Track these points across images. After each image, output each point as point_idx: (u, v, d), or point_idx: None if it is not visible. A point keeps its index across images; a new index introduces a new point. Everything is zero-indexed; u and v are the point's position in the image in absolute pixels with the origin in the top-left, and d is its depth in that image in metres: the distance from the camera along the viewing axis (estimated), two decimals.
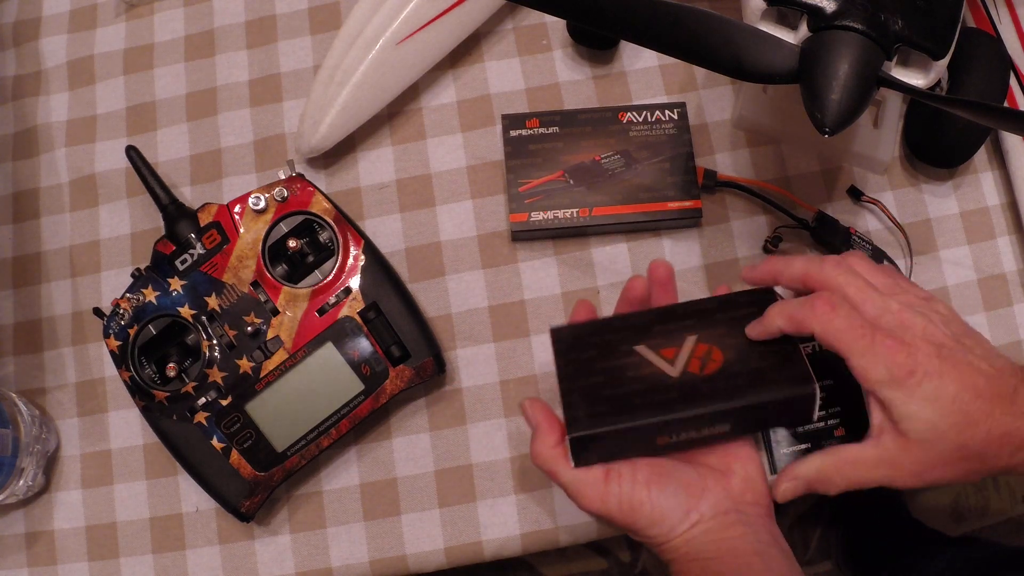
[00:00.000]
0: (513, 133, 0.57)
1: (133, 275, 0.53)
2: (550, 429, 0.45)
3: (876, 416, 0.41)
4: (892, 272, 0.44)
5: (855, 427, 0.54)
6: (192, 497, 0.54)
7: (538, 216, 0.56)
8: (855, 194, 0.57)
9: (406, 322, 0.52)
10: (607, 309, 0.56)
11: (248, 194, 0.53)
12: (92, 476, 0.55)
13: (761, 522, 0.43)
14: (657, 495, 0.42)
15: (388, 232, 0.58)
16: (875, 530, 1.00)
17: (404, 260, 0.58)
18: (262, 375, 0.51)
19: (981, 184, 0.58)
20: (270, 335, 0.52)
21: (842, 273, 0.42)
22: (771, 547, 0.42)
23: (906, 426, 0.39)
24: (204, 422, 0.51)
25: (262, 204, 0.52)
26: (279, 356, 0.51)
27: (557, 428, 0.45)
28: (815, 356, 0.55)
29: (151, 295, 0.52)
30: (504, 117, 0.58)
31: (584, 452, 0.43)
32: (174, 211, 0.54)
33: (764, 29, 0.43)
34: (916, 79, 0.43)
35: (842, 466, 0.42)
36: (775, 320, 0.43)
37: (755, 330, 0.44)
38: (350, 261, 0.53)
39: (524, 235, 0.57)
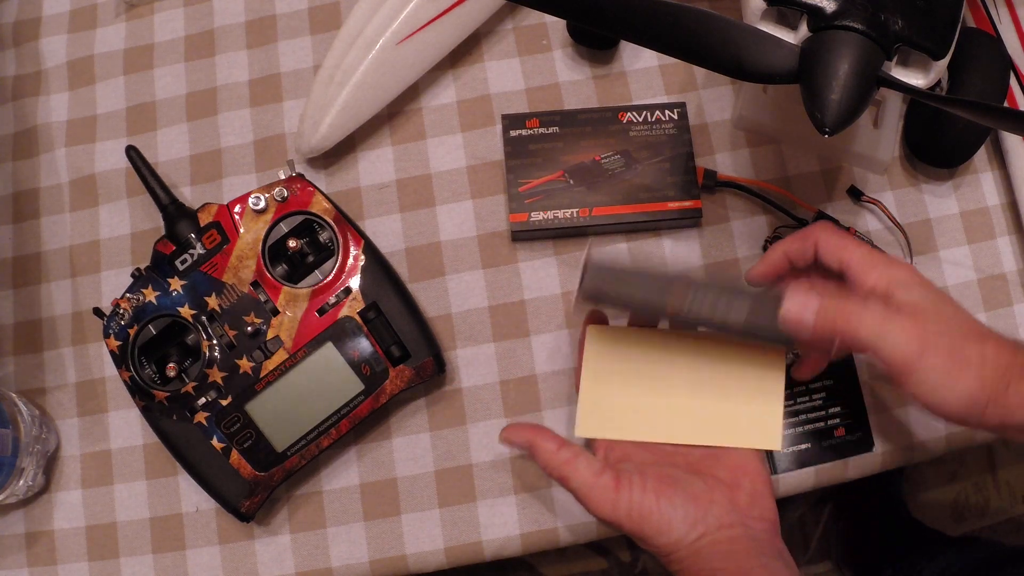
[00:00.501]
0: (513, 133, 0.57)
1: (133, 275, 0.53)
2: (545, 438, 0.45)
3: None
4: None
5: (855, 427, 0.54)
6: (192, 497, 0.54)
7: (538, 216, 0.56)
8: (855, 194, 0.57)
9: (406, 322, 0.52)
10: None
11: (248, 194, 0.53)
12: (92, 476, 0.55)
13: (767, 537, 0.44)
14: (665, 505, 0.43)
15: (388, 232, 0.58)
16: (875, 530, 1.00)
17: (404, 260, 0.58)
18: (262, 375, 0.51)
19: (981, 184, 0.58)
20: (270, 335, 0.52)
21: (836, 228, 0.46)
22: (776, 561, 0.42)
23: (907, 307, 0.40)
24: (204, 422, 0.51)
25: (262, 204, 0.52)
26: (279, 356, 0.51)
27: (551, 436, 0.45)
28: None
29: (151, 295, 0.52)
30: (504, 117, 0.58)
31: (595, 290, 0.44)
32: (174, 211, 0.54)
33: (764, 29, 0.43)
34: (916, 79, 0.43)
35: (844, 304, 0.41)
36: (775, 251, 0.45)
37: (757, 269, 0.46)
38: (350, 261, 0.53)
39: (524, 235, 0.57)
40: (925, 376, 0.39)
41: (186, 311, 0.52)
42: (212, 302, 0.52)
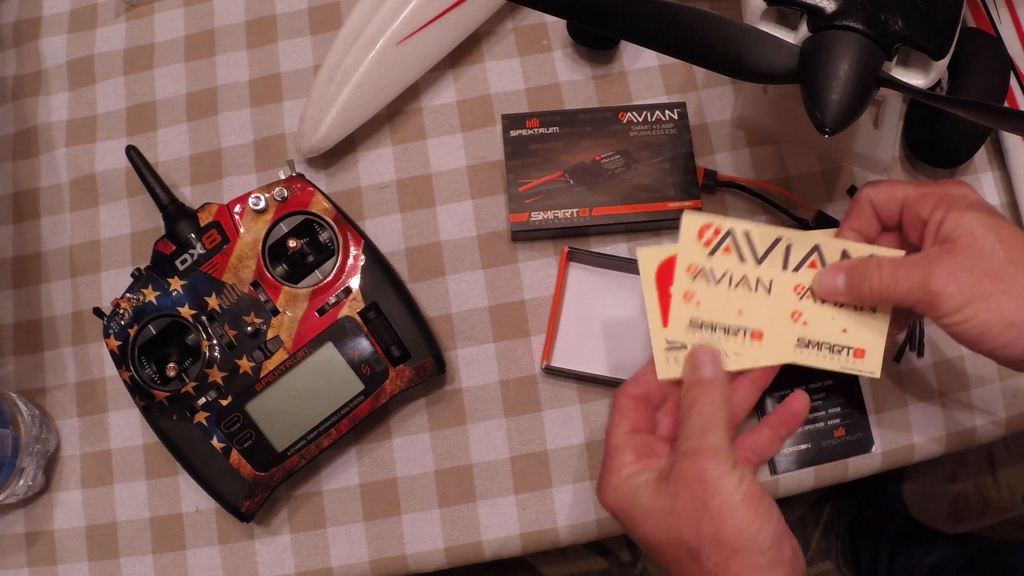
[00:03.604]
0: (513, 133, 0.57)
1: (133, 275, 0.53)
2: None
3: (927, 241, 0.41)
4: None
5: (855, 427, 0.54)
6: (192, 497, 0.54)
7: (538, 216, 0.56)
8: (855, 194, 0.57)
9: (406, 322, 0.52)
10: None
11: (248, 194, 0.53)
12: (92, 476, 0.55)
13: None
14: (768, 501, 0.40)
15: (388, 232, 0.58)
16: (875, 530, 1.00)
17: (404, 260, 0.58)
18: (262, 375, 0.51)
19: (981, 184, 0.58)
20: (270, 335, 0.52)
21: None
22: None
23: (955, 240, 0.39)
24: (204, 422, 0.51)
25: (262, 204, 0.52)
26: (279, 356, 0.51)
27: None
28: None
29: (151, 295, 0.52)
30: (504, 117, 0.58)
31: None
32: (174, 211, 0.54)
33: (764, 29, 0.43)
34: (916, 79, 0.43)
35: (884, 262, 0.41)
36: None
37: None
38: (350, 261, 0.53)
39: (524, 235, 0.57)
40: (975, 322, 0.38)
41: (186, 311, 0.52)
42: (212, 302, 0.52)
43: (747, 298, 0.44)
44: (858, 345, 0.44)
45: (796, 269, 0.44)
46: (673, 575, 0.40)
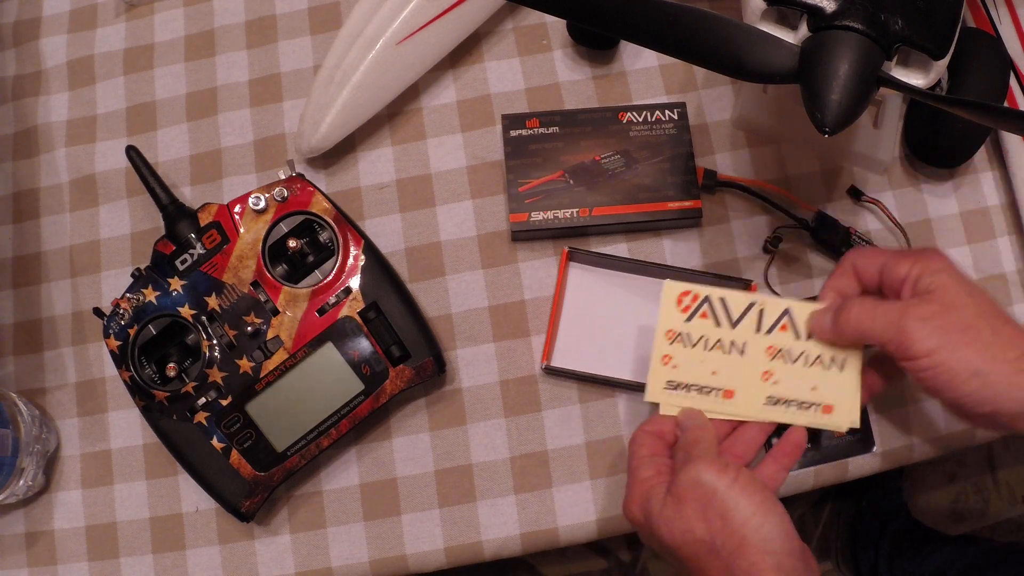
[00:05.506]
0: (513, 133, 0.57)
1: (133, 275, 0.53)
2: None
3: (905, 293, 0.43)
4: None
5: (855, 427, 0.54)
6: (192, 497, 0.54)
7: (538, 216, 0.56)
8: (855, 194, 0.57)
9: (406, 322, 0.52)
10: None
11: (248, 194, 0.53)
12: (92, 476, 0.55)
13: None
14: (772, 502, 0.42)
15: (388, 232, 0.58)
16: (875, 531, 1.00)
17: (404, 260, 0.58)
18: (262, 375, 0.51)
19: (981, 184, 0.58)
20: (270, 335, 0.52)
21: None
22: None
23: (930, 291, 0.42)
24: (204, 422, 0.51)
25: (262, 204, 0.53)
26: (279, 356, 0.51)
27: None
28: None
29: (151, 295, 0.52)
30: (504, 117, 0.58)
31: None
32: (174, 211, 0.54)
33: (764, 29, 0.43)
34: (916, 79, 0.43)
35: (865, 300, 0.44)
36: (827, 295, 0.47)
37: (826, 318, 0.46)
38: (350, 261, 0.53)
39: (524, 235, 0.57)
40: (942, 368, 0.40)
41: (186, 311, 0.52)
42: (212, 302, 0.52)
43: (721, 359, 0.47)
44: (827, 402, 0.47)
45: (768, 332, 0.47)
46: (694, 574, 0.42)
